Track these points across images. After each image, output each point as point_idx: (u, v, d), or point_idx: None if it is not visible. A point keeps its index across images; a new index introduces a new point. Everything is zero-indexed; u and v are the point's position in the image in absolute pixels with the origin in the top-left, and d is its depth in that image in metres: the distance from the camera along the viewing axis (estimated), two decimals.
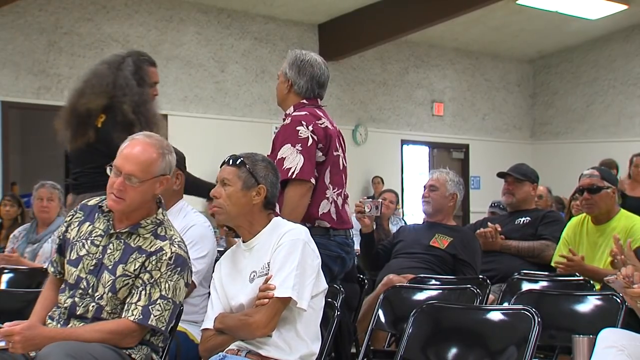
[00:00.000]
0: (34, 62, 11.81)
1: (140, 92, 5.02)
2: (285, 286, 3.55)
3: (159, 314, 3.59)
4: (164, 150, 3.76)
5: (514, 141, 17.78)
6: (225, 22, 13.79)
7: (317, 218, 4.52)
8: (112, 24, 12.57)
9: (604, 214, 5.80)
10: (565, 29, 16.68)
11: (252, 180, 3.71)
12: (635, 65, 17.34)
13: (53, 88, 11.99)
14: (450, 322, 4.02)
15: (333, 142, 4.60)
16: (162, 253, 3.66)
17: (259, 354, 3.60)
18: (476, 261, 5.81)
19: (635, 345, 3.65)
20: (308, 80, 4.65)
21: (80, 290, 3.74)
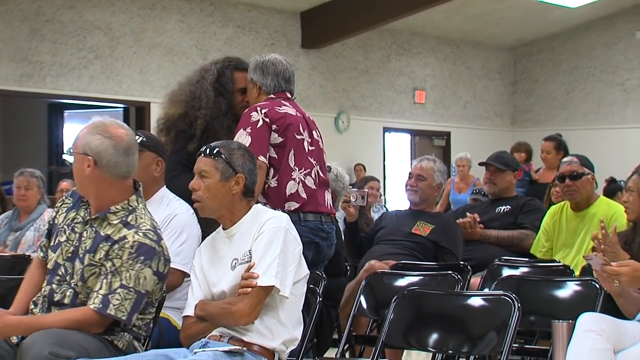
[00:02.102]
0: (16, 49, 11.77)
1: (218, 104, 4.93)
2: (268, 275, 3.55)
3: (118, 303, 3.56)
4: (93, 130, 3.72)
5: (495, 129, 17.83)
6: (208, 9, 13.77)
7: (286, 199, 4.55)
8: (95, 11, 12.53)
9: (585, 200, 5.84)
10: (546, 17, 16.72)
11: (230, 170, 3.69)
12: (615, 54, 17.39)
13: (35, 75, 11.97)
14: (431, 308, 4.04)
15: (294, 126, 4.65)
16: (125, 242, 3.62)
17: (242, 339, 3.61)
18: (457, 248, 5.83)
19: (613, 329, 3.67)
20: (273, 78, 4.75)
21: (58, 276, 3.74)
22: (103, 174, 3.69)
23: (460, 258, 5.70)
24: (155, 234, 3.70)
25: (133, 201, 3.75)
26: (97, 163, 3.67)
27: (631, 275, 3.73)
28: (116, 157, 3.68)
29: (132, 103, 13.07)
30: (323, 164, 4.81)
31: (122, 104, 13.15)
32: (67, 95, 12.52)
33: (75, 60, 12.36)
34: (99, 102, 12.88)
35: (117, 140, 3.69)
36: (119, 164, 3.69)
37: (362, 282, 4.95)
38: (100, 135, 3.69)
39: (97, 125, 3.74)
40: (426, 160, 6.11)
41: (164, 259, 3.70)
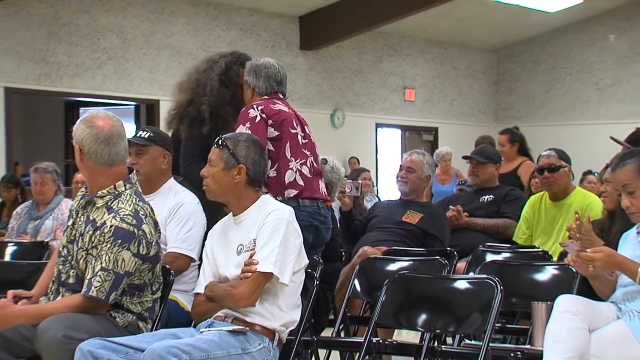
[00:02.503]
0: (34, 51, 11.74)
1: (222, 93, 4.95)
2: (267, 262, 3.56)
3: (99, 285, 3.57)
4: (81, 121, 3.74)
5: (479, 125, 17.81)
6: (213, 14, 13.75)
7: (285, 187, 4.57)
8: (108, 15, 12.51)
9: (562, 190, 5.85)
10: (526, 21, 16.72)
11: (233, 160, 3.71)
12: (590, 55, 17.40)
13: (52, 75, 11.95)
14: (420, 291, 4.04)
15: (288, 122, 4.69)
16: (104, 227, 3.62)
17: (245, 320, 3.61)
18: (445, 235, 5.84)
19: (589, 310, 3.67)
20: (265, 80, 4.78)
21: (62, 257, 3.77)
22: (88, 161, 3.71)
23: (447, 244, 5.71)
24: (135, 218, 3.66)
25: (120, 186, 3.74)
26: (82, 151, 3.70)
27: (605, 260, 3.72)
28: (96, 145, 3.68)
29: (142, 101, 13.05)
30: (316, 156, 4.84)
31: (133, 101, 13.13)
32: (82, 93, 12.51)
33: (90, 61, 12.35)
34: (111, 100, 12.85)
35: (97, 129, 3.68)
36: (99, 152, 3.68)
37: (356, 266, 4.95)
38: (85, 125, 3.71)
39: (86, 117, 3.76)
40: (416, 153, 6.12)
41: (146, 242, 3.67)
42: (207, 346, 3.42)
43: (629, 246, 3.89)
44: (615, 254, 3.77)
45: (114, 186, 3.72)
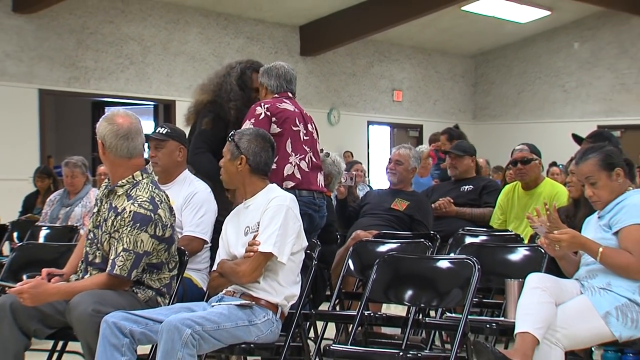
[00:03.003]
0: (65, 57, 11.73)
1: (241, 96, 4.95)
2: (268, 243, 3.57)
3: (121, 264, 3.58)
4: (103, 119, 3.76)
5: (460, 122, 17.73)
6: (223, 24, 13.74)
7: (284, 179, 4.56)
8: (130, 25, 12.50)
9: (533, 180, 5.85)
10: (501, 30, 16.74)
11: (237, 151, 3.73)
12: (557, 61, 17.44)
13: (81, 78, 11.95)
14: (407, 270, 4.03)
15: (291, 119, 4.68)
16: (124, 212, 3.62)
17: (251, 295, 3.61)
18: (429, 220, 5.83)
19: (555, 286, 3.67)
20: (276, 79, 4.79)
21: (89, 240, 3.77)
22: (110, 154, 3.71)
23: (430, 229, 5.70)
24: (152, 204, 3.66)
25: (138, 176, 3.74)
26: (104, 146, 3.70)
27: (570, 241, 3.73)
28: (116, 140, 3.68)
29: (160, 101, 13.05)
30: (316, 151, 4.82)
31: (152, 102, 13.11)
32: (107, 94, 12.50)
33: (114, 66, 12.34)
34: (133, 101, 12.84)
35: (118, 126, 3.69)
36: (119, 146, 3.69)
37: (350, 248, 4.95)
38: (106, 123, 3.72)
39: (107, 116, 3.78)
40: (403, 148, 6.11)
41: (162, 225, 3.67)
42: (217, 318, 3.42)
43: (591, 229, 3.89)
44: (579, 235, 3.78)
45: (132, 176, 3.72)
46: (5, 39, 11.12)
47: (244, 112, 4.82)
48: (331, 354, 3.64)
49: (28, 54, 11.36)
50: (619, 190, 3.82)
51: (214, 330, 3.37)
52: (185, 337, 3.26)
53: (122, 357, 3.35)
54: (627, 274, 3.67)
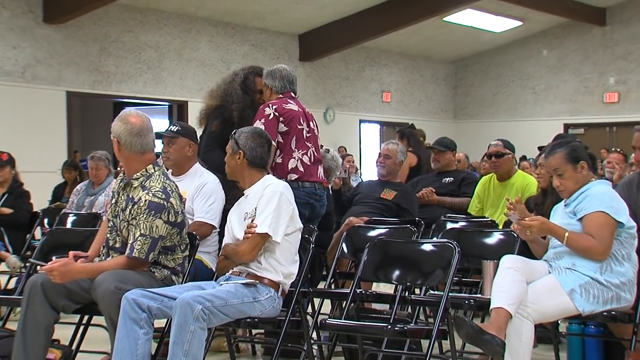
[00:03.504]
0: (89, 62, 11.72)
1: (244, 99, 4.93)
2: (264, 225, 3.57)
3: (139, 247, 3.58)
4: (118, 118, 3.74)
5: (442, 121, 17.82)
6: (230, 32, 13.71)
7: (288, 172, 4.56)
8: (147, 34, 12.48)
9: (506, 172, 5.84)
10: (478, 39, 16.76)
11: (235, 147, 3.75)
12: (528, 66, 17.46)
13: (104, 81, 11.94)
14: (395, 252, 4.03)
15: (296, 119, 4.65)
16: (140, 201, 3.62)
17: (256, 274, 3.61)
18: (414, 209, 5.83)
19: (526, 266, 3.68)
20: (280, 80, 4.75)
21: (109, 228, 3.78)
22: (125, 151, 3.71)
23: (416, 216, 5.70)
24: (164, 193, 3.66)
25: (150, 169, 3.74)
26: (119, 143, 3.69)
27: (539, 227, 3.74)
28: (130, 138, 3.68)
29: (174, 102, 13.02)
30: (317, 147, 4.81)
31: (167, 102, 13.09)
32: (127, 96, 12.49)
33: (133, 70, 12.32)
34: (149, 101, 12.83)
35: (131, 125, 3.68)
36: (133, 143, 3.68)
37: (344, 233, 4.94)
38: (121, 122, 3.72)
39: (121, 116, 3.77)
40: (392, 143, 6.11)
41: (174, 212, 3.67)
42: (225, 295, 3.42)
43: (558, 216, 3.89)
44: (547, 221, 3.79)
45: (146, 169, 3.72)
46: (37, 46, 11.12)
47: (247, 112, 4.81)
48: (327, 328, 3.65)
49: (57, 60, 11.36)
50: (583, 181, 3.82)
51: (222, 306, 3.37)
52: (197, 312, 3.27)
53: (140, 330, 3.36)
54: (589, 255, 3.68)
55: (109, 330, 3.54)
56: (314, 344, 4.38)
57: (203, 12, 13.05)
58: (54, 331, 3.69)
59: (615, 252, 3.69)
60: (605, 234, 3.66)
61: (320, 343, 4.55)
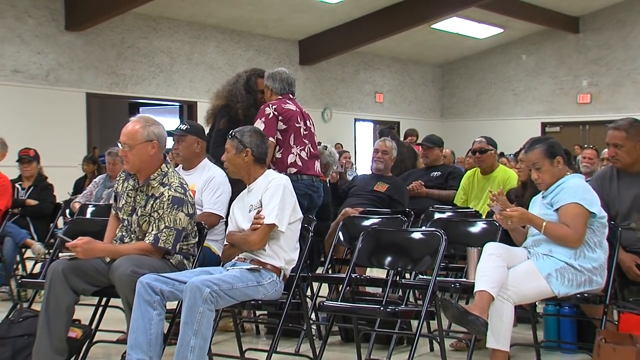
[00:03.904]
0: (107, 66, 11.71)
1: (247, 99, 4.91)
2: (271, 216, 3.56)
3: (165, 238, 3.58)
4: (147, 123, 3.68)
5: (430, 120, 17.82)
6: (236, 39, 13.70)
7: (287, 166, 4.56)
8: (160, 40, 12.46)
9: (489, 167, 5.83)
10: (463, 44, 16.77)
11: (241, 146, 3.69)
12: (509, 69, 17.49)
13: (120, 84, 11.93)
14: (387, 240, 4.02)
15: (294, 118, 4.64)
16: (163, 196, 3.61)
17: (259, 260, 3.60)
18: (405, 200, 5.82)
19: (507, 253, 3.67)
20: (280, 82, 4.74)
21: (124, 227, 3.77)
22: (158, 154, 3.70)
23: (406, 207, 5.69)
24: (182, 188, 3.67)
25: (164, 168, 3.72)
26: (159, 146, 3.69)
27: (519, 217, 3.74)
28: (164, 142, 3.72)
29: (184, 102, 13.01)
30: (314, 143, 4.80)
31: (178, 102, 13.08)
32: (141, 97, 12.48)
33: (147, 73, 12.30)
34: (162, 102, 12.83)
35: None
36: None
37: (340, 222, 4.93)
38: (152, 125, 3.69)
39: (145, 119, 3.73)
40: (388, 141, 6.09)
41: (190, 204, 3.68)
42: (231, 280, 3.41)
43: (537, 207, 3.89)
44: (527, 212, 3.78)
45: (160, 169, 3.70)
46: (59, 52, 11.12)
47: (250, 111, 4.80)
48: (325, 309, 3.64)
49: (77, 64, 11.35)
50: (559, 174, 3.82)
51: (229, 290, 3.37)
52: (205, 295, 3.26)
53: (154, 311, 3.35)
54: (565, 243, 3.68)
55: (125, 311, 3.53)
56: (313, 324, 4.38)
57: (211, 20, 13.03)
58: (74, 312, 3.68)
59: (588, 239, 3.69)
60: (579, 224, 3.65)
61: (318, 323, 4.55)
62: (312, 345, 3.74)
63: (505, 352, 3.57)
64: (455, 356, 4.11)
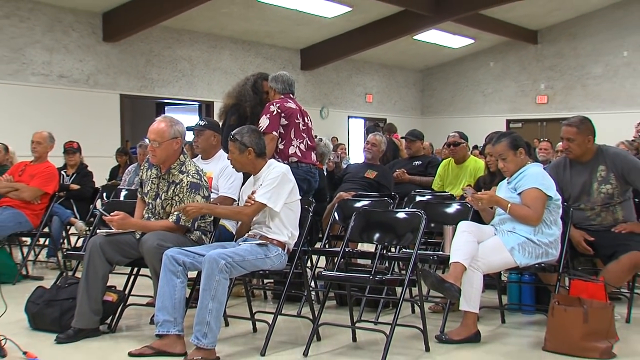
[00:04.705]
0: (137, 72, 11.67)
1: (254, 99, 4.87)
2: (263, 197, 3.48)
3: (185, 217, 3.56)
4: (172, 123, 3.66)
5: (411, 117, 17.79)
6: (247, 48, 13.65)
7: (289, 155, 4.54)
8: (182, 49, 12.42)
9: (462, 157, 5.81)
10: (440, 53, 16.74)
11: (243, 147, 3.59)
12: (478, 74, 17.49)
13: (148, 86, 11.90)
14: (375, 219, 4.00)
15: (294, 115, 4.60)
16: (182, 182, 3.60)
17: (266, 236, 3.57)
18: (391, 185, 5.80)
19: (477, 230, 3.67)
20: (282, 84, 4.70)
21: (150, 209, 3.75)
22: (181, 147, 3.70)
23: (392, 191, 5.67)
24: (198, 174, 3.66)
25: (182, 158, 3.71)
26: (181, 142, 3.67)
27: (488, 199, 3.73)
28: (184, 137, 3.73)
29: (203, 102, 12.97)
30: (311, 137, 4.77)
31: (197, 102, 13.04)
32: (166, 97, 12.45)
33: (171, 78, 12.26)
34: (184, 102, 12.79)
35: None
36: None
37: (336, 204, 4.92)
38: (176, 124, 3.68)
39: (170, 120, 3.70)
40: (378, 135, 6.08)
41: (205, 188, 3.67)
42: (243, 253, 3.39)
43: (502, 191, 3.87)
44: (494, 195, 3.78)
45: (179, 159, 3.69)
46: (98, 59, 11.12)
47: (257, 109, 4.78)
48: (322, 278, 3.63)
49: (113, 69, 11.32)
50: (521, 163, 3.81)
51: (241, 262, 3.35)
52: (221, 266, 3.24)
53: (177, 279, 3.34)
54: (526, 221, 3.67)
55: (153, 279, 3.53)
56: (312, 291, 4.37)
57: (226, 32, 12.97)
58: (108, 279, 3.68)
59: (545, 218, 3.68)
60: (538, 205, 3.65)
61: (317, 290, 4.54)
62: (312, 308, 3.73)
63: (475, 313, 3.59)
64: (433, 317, 4.11)
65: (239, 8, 12.00)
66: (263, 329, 3.66)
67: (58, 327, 3.65)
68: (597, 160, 4.03)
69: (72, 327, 3.58)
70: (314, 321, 3.54)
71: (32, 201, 5.48)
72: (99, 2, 10.78)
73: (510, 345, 3.59)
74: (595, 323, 3.27)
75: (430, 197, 5.26)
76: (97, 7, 10.92)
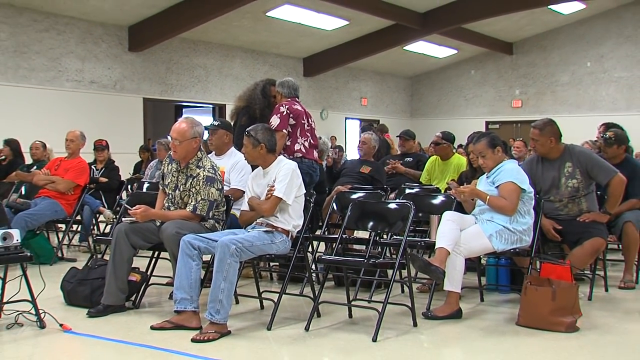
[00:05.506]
0: (159, 78, 11.65)
1: (263, 102, 4.86)
2: (280, 191, 3.48)
3: (201, 207, 3.57)
4: (192, 124, 3.65)
5: (402, 119, 17.75)
6: (256, 57, 13.60)
7: (295, 151, 4.53)
8: (198, 58, 12.38)
9: (446, 155, 5.80)
10: (427, 62, 16.71)
11: (256, 142, 3.57)
12: (461, 81, 17.44)
13: (168, 91, 11.88)
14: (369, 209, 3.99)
15: (300, 116, 4.59)
16: (199, 176, 3.60)
17: (273, 225, 3.56)
18: (383, 179, 5.78)
19: (460, 219, 3.67)
20: (288, 88, 4.69)
21: (170, 199, 3.74)
22: (199, 145, 3.69)
23: (384, 184, 5.66)
24: (213, 169, 3.66)
25: (199, 154, 3.69)
26: (200, 141, 3.66)
27: (470, 192, 3.74)
28: (202, 136, 3.72)
29: (216, 105, 12.94)
30: (314, 136, 4.76)
31: (212, 105, 13.00)
32: (184, 100, 12.42)
33: (188, 83, 12.23)
34: (199, 104, 12.76)
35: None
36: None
37: (334, 196, 4.90)
38: (197, 126, 3.67)
39: (192, 121, 3.68)
40: (368, 133, 6.06)
41: (219, 181, 3.66)
42: (251, 239, 3.39)
43: (482, 184, 3.87)
44: (475, 188, 3.78)
45: (196, 155, 3.68)
46: (124, 67, 11.10)
47: (265, 111, 4.78)
48: (322, 261, 3.62)
49: (137, 76, 11.30)
50: (499, 160, 3.80)
51: (250, 246, 3.34)
52: (232, 250, 3.24)
53: (193, 262, 3.34)
54: (503, 211, 3.67)
55: (172, 262, 3.53)
56: (313, 273, 4.37)
57: (237, 42, 12.93)
58: (132, 262, 3.68)
59: (520, 209, 3.68)
60: (513, 197, 3.65)
61: (317, 272, 4.54)
62: (312, 288, 3.74)
63: (457, 293, 3.59)
64: (420, 296, 4.11)
65: (249, 21, 11.98)
66: (269, 306, 3.67)
67: (89, 303, 3.69)
68: (565, 158, 4.06)
69: (101, 303, 3.61)
70: (315, 300, 3.54)
71: (66, 192, 5.52)
72: (125, 16, 10.78)
73: (488, 320, 3.59)
74: (562, 300, 3.29)
75: (418, 189, 5.25)
76: (123, 21, 10.93)
